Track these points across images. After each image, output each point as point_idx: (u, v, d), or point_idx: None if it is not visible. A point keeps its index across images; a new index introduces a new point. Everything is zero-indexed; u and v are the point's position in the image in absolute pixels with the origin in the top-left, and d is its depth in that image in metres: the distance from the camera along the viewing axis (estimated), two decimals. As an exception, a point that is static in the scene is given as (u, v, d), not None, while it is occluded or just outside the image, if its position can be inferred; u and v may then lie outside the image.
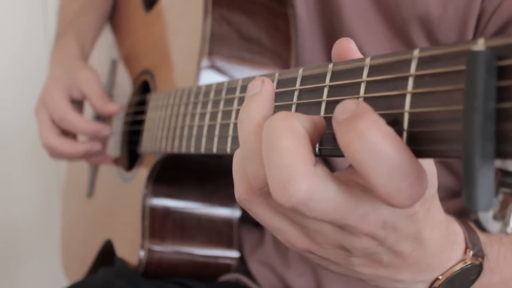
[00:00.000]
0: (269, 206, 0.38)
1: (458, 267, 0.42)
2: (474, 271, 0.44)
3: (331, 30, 0.72)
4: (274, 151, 0.33)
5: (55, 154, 0.89)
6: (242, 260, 0.80)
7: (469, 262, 0.43)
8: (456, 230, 0.43)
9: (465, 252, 0.43)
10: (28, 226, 1.47)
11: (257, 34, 0.72)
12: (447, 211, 0.44)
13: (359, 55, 0.38)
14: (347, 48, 0.39)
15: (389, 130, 0.30)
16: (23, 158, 1.43)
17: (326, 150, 0.37)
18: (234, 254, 0.78)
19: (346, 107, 0.32)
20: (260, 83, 0.38)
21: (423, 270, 0.41)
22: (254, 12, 0.73)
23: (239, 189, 0.39)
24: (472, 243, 0.43)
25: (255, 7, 0.73)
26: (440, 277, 0.42)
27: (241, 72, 0.70)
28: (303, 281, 0.75)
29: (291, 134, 0.33)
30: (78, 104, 0.92)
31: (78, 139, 0.90)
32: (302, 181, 0.32)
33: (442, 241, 0.41)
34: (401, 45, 0.67)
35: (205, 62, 0.69)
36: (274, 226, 0.39)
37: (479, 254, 0.44)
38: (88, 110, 0.95)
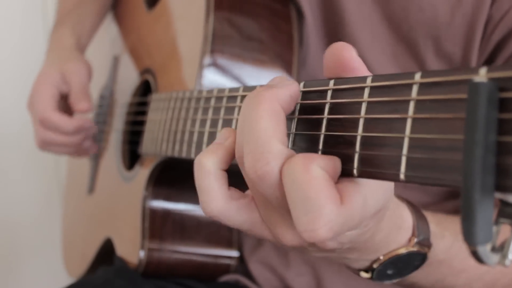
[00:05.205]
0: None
1: (401, 251, 0.45)
2: (418, 257, 0.46)
3: (334, 34, 0.72)
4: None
5: (51, 147, 0.89)
6: (241, 260, 0.80)
7: (412, 249, 0.45)
8: (403, 215, 0.45)
9: (410, 239, 0.45)
10: (28, 226, 1.47)
11: (259, 34, 0.72)
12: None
13: (359, 64, 0.37)
14: (346, 57, 0.37)
15: None
16: (23, 158, 1.42)
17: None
18: (234, 254, 0.78)
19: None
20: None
21: (369, 252, 0.44)
22: (256, 13, 0.72)
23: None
24: (419, 232, 0.45)
25: (257, 7, 0.73)
26: (381, 257, 0.44)
27: (243, 70, 0.70)
28: (303, 281, 0.75)
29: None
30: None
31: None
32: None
33: (390, 225, 0.43)
34: (404, 52, 0.66)
35: (207, 60, 0.68)
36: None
37: (425, 243, 0.46)
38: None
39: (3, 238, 1.44)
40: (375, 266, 0.45)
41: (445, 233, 0.50)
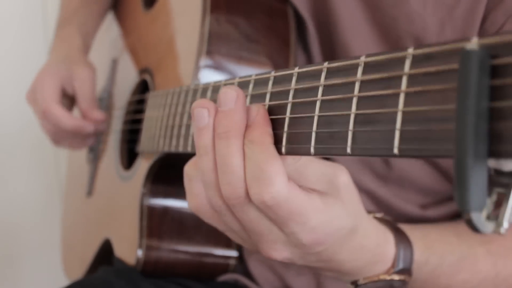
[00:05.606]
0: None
1: (380, 278, 0.49)
2: (397, 284, 0.49)
3: (328, 41, 0.72)
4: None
5: (60, 139, 0.90)
6: (241, 259, 0.79)
7: (390, 278, 0.49)
8: (385, 252, 0.49)
9: (388, 270, 0.49)
10: (28, 226, 1.46)
11: (256, 33, 0.72)
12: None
13: None
14: None
15: None
16: (23, 158, 1.42)
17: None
18: (233, 253, 0.78)
19: None
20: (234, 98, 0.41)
21: (343, 274, 0.48)
22: (253, 11, 0.73)
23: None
24: (398, 263, 0.49)
25: (254, 6, 0.73)
26: (361, 280, 0.48)
27: (240, 71, 0.70)
28: (303, 280, 0.74)
29: None
30: (69, 98, 0.91)
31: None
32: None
33: (363, 261, 0.47)
34: None
35: (203, 61, 0.68)
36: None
37: (404, 272, 0.49)
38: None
39: (3, 238, 1.44)
40: (358, 284, 0.49)
41: (431, 258, 0.53)
